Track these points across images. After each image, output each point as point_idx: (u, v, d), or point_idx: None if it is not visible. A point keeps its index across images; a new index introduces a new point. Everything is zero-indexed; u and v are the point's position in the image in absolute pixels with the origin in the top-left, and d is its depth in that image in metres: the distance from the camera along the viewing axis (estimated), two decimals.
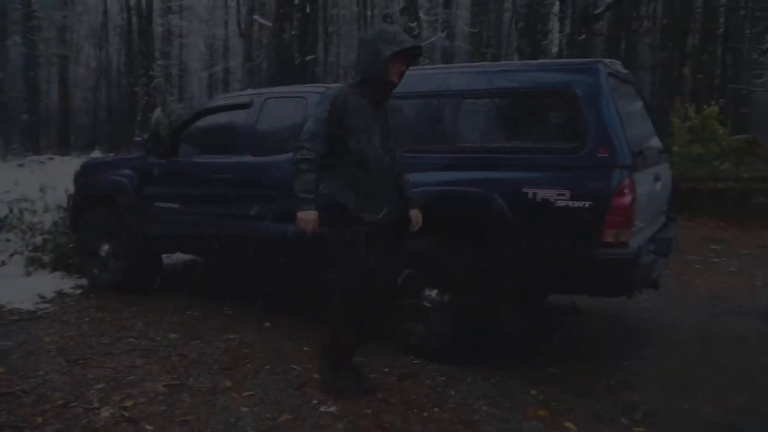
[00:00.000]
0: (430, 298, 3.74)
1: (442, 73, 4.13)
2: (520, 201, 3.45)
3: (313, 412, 3.01)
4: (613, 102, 3.43)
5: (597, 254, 3.30)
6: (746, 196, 9.32)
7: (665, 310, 4.91)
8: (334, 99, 3.12)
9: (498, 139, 3.71)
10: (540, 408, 3.09)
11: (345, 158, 3.12)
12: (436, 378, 3.44)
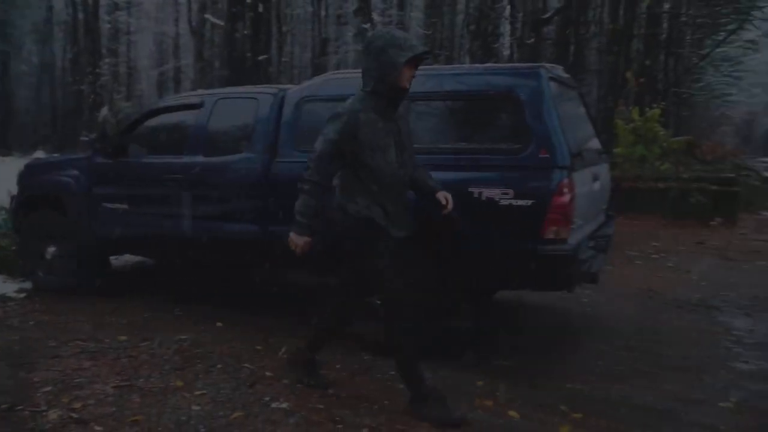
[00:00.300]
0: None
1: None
2: (466, 200, 3.57)
3: (265, 409, 3.06)
4: (553, 105, 3.58)
5: (538, 250, 3.44)
6: (685, 196, 9.75)
7: (606, 303, 5.13)
8: (344, 118, 2.98)
9: (446, 140, 3.82)
10: (485, 398, 3.22)
11: (362, 175, 3.02)
12: (387, 373, 3.52)
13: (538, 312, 4.88)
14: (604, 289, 5.39)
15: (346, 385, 3.36)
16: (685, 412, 3.13)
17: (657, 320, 4.74)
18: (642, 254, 7.21)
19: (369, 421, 2.94)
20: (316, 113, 4.25)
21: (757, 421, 3.05)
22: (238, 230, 4.31)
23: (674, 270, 6.48)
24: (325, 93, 4.28)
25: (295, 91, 4.38)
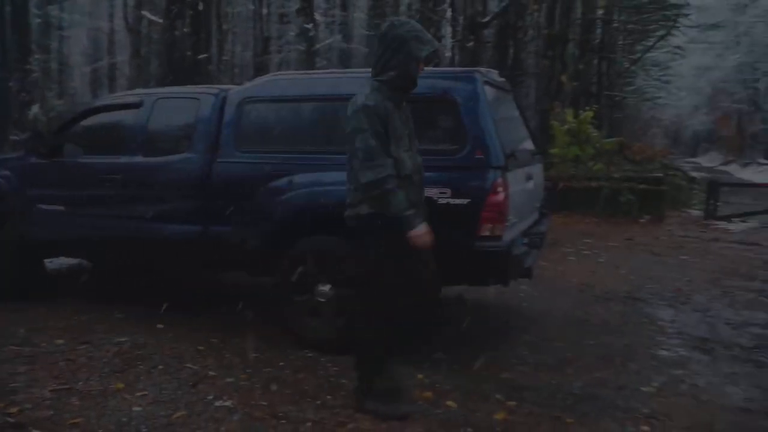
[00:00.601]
0: (324, 293, 3.90)
1: (334, 77, 4.30)
2: None
3: (208, 407, 3.08)
4: (488, 108, 3.74)
5: (475, 247, 3.59)
6: (616, 194, 10.19)
7: (541, 298, 5.35)
8: (373, 109, 2.88)
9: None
10: (425, 390, 3.34)
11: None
12: (330, 369, 3.60)
13: (476, 307, 5.05)
14: (539, 284, 5.62)
15: (289, 381, 3.42)
16: (611, 397, 3.33)
17: (587, 312, 4.99)
18: (575, 250, 7.52)
19: (312, 416, 3.01)
20: (258, 114, 4.30)
21: (675, 402, 3.28)
22: (179, 231, 4.29)
23: (605, 265, 6.79)
24: (267, 94, 4.33)
25: (237, 91, 4.40)
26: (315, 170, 3.97)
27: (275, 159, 4.10)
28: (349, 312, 3.78)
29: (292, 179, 3.98)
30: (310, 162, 4.01)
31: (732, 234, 9.53)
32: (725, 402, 3.29)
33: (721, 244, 8.47)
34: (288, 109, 4.28)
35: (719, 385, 3.52)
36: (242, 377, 3.45)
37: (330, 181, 3.89)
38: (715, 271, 6.69)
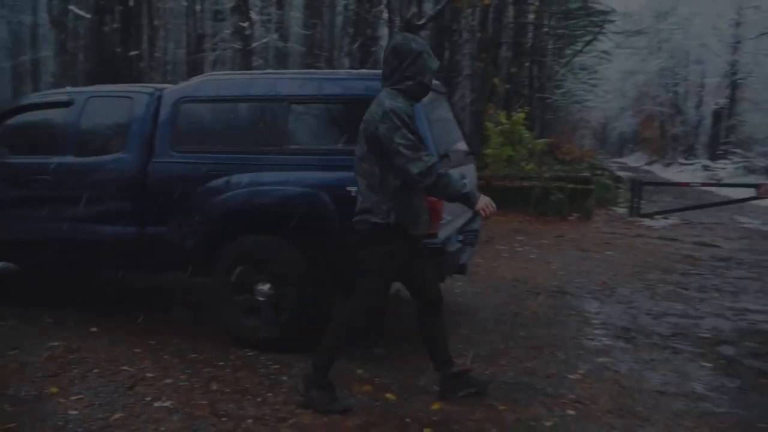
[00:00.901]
0: (263, 292, 3.92)
1: (272, 78, 4.33)
2: (344, 199, 3.76)
3: (147, 409, 3.07)
4: (422, 110, 3.85)
5: None
6: (547, 193, 10.58)
7: (476, 293, 5.54)
8: (401, 109, 2.95)
9: (324, 141, 3.99)
10: (365, 384, 3.43)
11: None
12: (270, 367, 3.63)
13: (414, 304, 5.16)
14: (474, 281, 5.83)
15: (230, 380, 3.44)
16: (540, 385, 3.51)
17: (520, 306, 5.20)
18: (509, 248, 7.78)
19: (253, 413, 3.05)
20: (194, 114, 4.28)
21: (599, 387, 3.49)
22: (114, 232, 4.23)
23: (536, 261, 7.07)
24: (204, 93, 4.31)
25: (172, 90, 4.36)
26: (253, 170, 4.00)
27: (212, 159, 4.09)
28: (292, 310, 3.85)
29: (230, 179, 3.99)
30: (247, 162, 4.03)
31: (654, 230, 10.08)
32: (644, 386, 3.53)
33: (644, 240, 8.95)
34: (225, 110, 4.28)
35: (639, 371, 3.77)
36: (181, 378, 3.44)
37: (268, 181, 3.94)
38: (638, 265, 7.08)
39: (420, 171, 2.90)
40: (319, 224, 3.81)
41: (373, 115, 3.03)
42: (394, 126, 2.93)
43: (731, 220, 12.01)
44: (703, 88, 35.73)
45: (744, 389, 3.51)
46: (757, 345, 4.32)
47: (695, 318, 4.97)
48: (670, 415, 3.16)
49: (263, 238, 3.97)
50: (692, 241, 9.00)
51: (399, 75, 3.08)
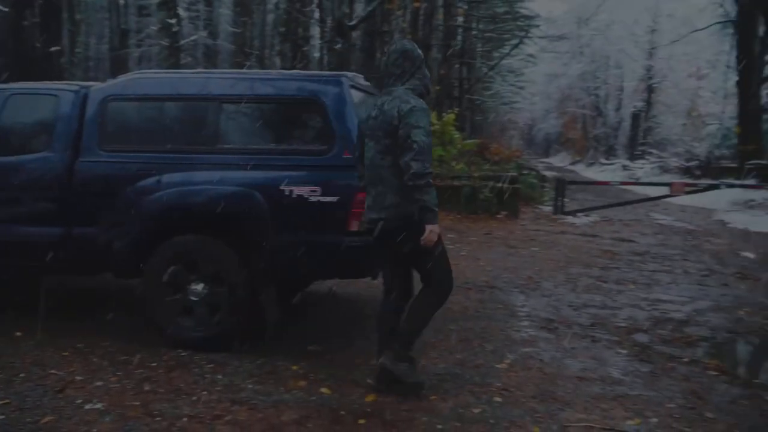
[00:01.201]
0: (197, 291, 3.92)
1: (204, 77, 4.32)
2: (278, 198, 3.81)
3: (78, 411, 3.02)
4: (354, 110, 3.96)
5: (345, 242, 3.79)
6: (476, 192, 10.90)
7: None
8: (426, 110, 3.26)
9: (257, 141, 4.02)
10: (300, 380, 3.49)
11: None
12: (204, 366, 3.63)
13: (347, 300, 5.27)
14: None
15: (163, 380, 3.42)
16: (469, 375, 3.67)
17: (450, 301, 5.27)
18: None
19: (188, 411, 3.05)
20: (123, 112, 4.23)
21: (524, 375, 3.68)
22: (39, 233, 4.10)
23: (466, 258, 7.30)
24: (132, 92, 4.25)
25: (99, 89, 4.28)
26: (184, 170, 3.98)
27: (142, 158, 4.05)
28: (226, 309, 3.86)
29: (161, 178, 3.96)
30: (179, 162, 4.01)
31: (577, 227, 10.57)
32: (565, 372, 3.75)
33: (567, 237, 9.37)
34: (154, 108, 4.25)
35: (561, 359, 3.99)
36: (112, 380, 3.39)
37: (201, 181, 3.93)
38: (561, 260, 7.43)
39: (417, 171, 3.12)
40: (252, 223, 3.83)
41: (393, 110, 3.22)
42: (417, 125, 3.17)
43: (647, 216, 12.73)
44: (622, 92, 37.53)
45: (655, 373, 3.78)
46: (668, 332, 4.65)
47: (613, 309, 5.29)
48: (588, 398, 3.37)
49: (196, 238, 3.96)
50: (611, 237, 9.50)
51: (410, 76, 3.35)
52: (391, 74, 3.36)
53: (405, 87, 3.32)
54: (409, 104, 3.21)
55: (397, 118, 3.18)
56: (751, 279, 6.70)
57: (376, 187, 3.32)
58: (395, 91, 3.31)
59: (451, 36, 22.28)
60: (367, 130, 3.39)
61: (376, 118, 3.32)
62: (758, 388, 3.59)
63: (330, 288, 5.44)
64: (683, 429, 3.02)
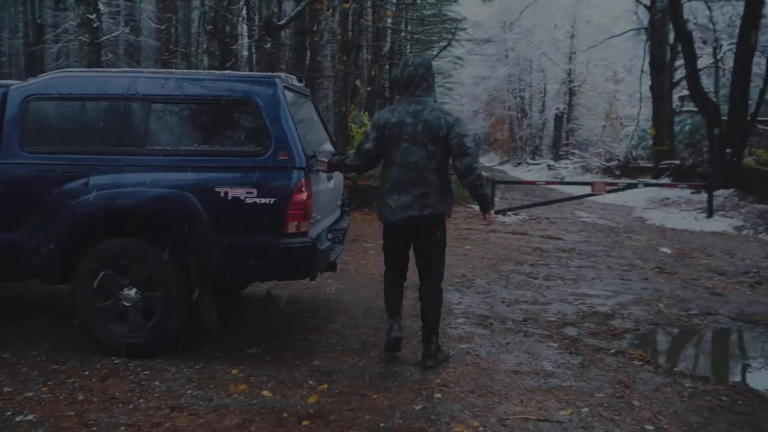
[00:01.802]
0: (130, 297, 3.80)
1: (131, 76, 4.18)
2: (213, 200, 3.75)
3: (8, 423, 2.88)
4: (289, 111, 3.94)
5: (282, 244, 3.77)
6: None
7: (346, 289, 5.71)
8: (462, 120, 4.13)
9: (190, 142, 3.93)
10: (240, 383, 3.45)
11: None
12: (140, 373, 3.54)
13: (285, 301, 5.23)
14: (343, 277, 5.99)
15: (97, 389, 3.30)
16: (409, 372, 3.73)
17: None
18: (375, 245, 8.00)
19: (125, 420, 2.97)
20: (46, 112, 4.06)
21: (461, 371, 3.77)
22: None
23: None
24: (55, 91, 4.08)
25: (20, 87, 4.08)
26: (113, 171, 3.86)
27: (68, 160, 3.89)
28: (161, 314, 3.77)
29: (89, 180, 3.82)
30: (107, 163, 3.88)
31: (507, 225, 10.88)
32: (501, 367, 3.87)
33: (498, 235, 9.64)
34: (80, 108, 4.09)
35: (496, 354, 4.12)
36: (43, 390, 3.25)
37: (131, 183, 3.82)
38: (494, 258, 7.64)
39: (480, 171, 3.76)
40: (186, 226, 3.75)
41: (440, 120, 3.71)
42: (465, 133, 3.77)
43: (572, 214, 13.25)
44: (545, 94, 38.85)
45: (584, 364, 3.96)
46: (595, 325, 4.87)
47: (543, 304, 5.49)
48: (524, 390, 3.50)
49: (127, 242, 3.85)
50: (540, 235, 9.84)
51: (433, 89, 3.86)
52: (419, 85, 3.77)
53: (433, 98, 3.81)
54: (453, 116, 3.79)
55: (446, 128, 3.68)
56: (668, 273, 7.10)
57: (419, 188, 3.73)
58: (427, 102, 3.77)
59: (381, 37, 22.41)
60: (405, 136, 3.73)
61: (415, 125, 3.72)
62: (678, 376, 3.82)
63: (267, 290, 5.39)
64: (613, 417, 3.19)
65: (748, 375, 3.87)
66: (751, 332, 4.88)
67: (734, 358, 4.26)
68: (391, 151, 3.80)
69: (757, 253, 8.79)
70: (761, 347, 4.52)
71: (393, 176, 3.80)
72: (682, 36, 16.18)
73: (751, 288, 6.46)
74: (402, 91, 3.89)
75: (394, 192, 3.78)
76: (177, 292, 3.79)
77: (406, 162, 3.73)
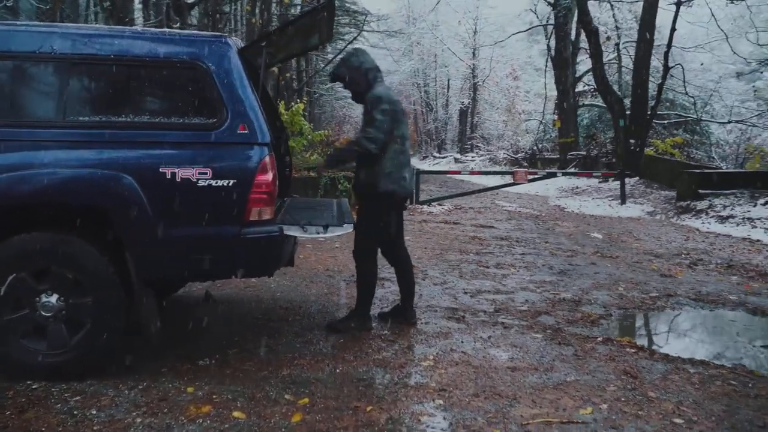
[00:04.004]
0: (49, 306, 3.06)
1: (45, 31, 3.36)
2: (156, 182, 3.09)
3: None
4: (247, 78, 3.33)
5: (243, 234, 3.17)
6: (335, 183, 10.48)
7: (293, 287, 5.12)
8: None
9: (125, 113, 3.22)
10: (202, 404, 2.82)
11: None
12: (69, 400, 2.82)
13: (226, 303, 4.59)
14: (286, 273, 5.40)
15: (15, 425, 2.57)
16: (397, 376, 3.24)
17: (340, 296, 4.92)
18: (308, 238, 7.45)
19: None
20: None
21: (454, 372, 3.33)
22: None
23: (342, 250, 6.86)
24: None
25: None
26: (21, 149, 3.09)
27: None
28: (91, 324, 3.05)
29: None
30: (13, 138, 3.10)
31: (435, 216, 10.59)
32: (494, 364, 3.46)
33: (431, 225, 9.31)
34: None
35: (483, 349, 3.71)
36: None
37: (45, 162, 3.08)
38: (436, 248, 7.28)
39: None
40: (122, 215, 3.06)
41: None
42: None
43: (494, 204, 13.23)
44: (449, 90, 39.40)
45: (579, 355, 3.64)
46: (568, 312, 4.60)
47: (507, 293, 5.17)
48: (530, 389, 3.11)
49: (45, 237, 3.09)
50: (472, 224, 9.62)
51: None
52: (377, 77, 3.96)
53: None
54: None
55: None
56: (610, 257, 7.04)
57: (409, 164, 4.05)
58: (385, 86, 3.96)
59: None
60: (401, 109, 3.96)
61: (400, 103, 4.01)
62: (678, 362, 3.58)
63: (206, 291, 4.71)
64: (636, 413, 2.86)
65: (740, 357, 3.71)
66: (718, 312, 4.79)
67: (718, 340, 4.11)
68: (398, 126, 3.91)
69: (677, 236, 9.02)
70: (736, 327, 4.42)
71: (404, 150, 3.97)
72: (588, 32, 16.66)
73: (690, 268, 6.50)
74: (372, 74, 3.95)
75: (406, 165, 3.98)
76: (112, 297, 3.08)
77: (408, 136, 4.03)
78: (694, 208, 11.23)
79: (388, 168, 3.86)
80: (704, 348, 3.93)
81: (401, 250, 4.22)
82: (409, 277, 4.18)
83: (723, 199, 11.11)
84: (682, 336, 4.24)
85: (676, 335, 4.26)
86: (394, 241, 4.16)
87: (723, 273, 6.27)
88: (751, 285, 5.69)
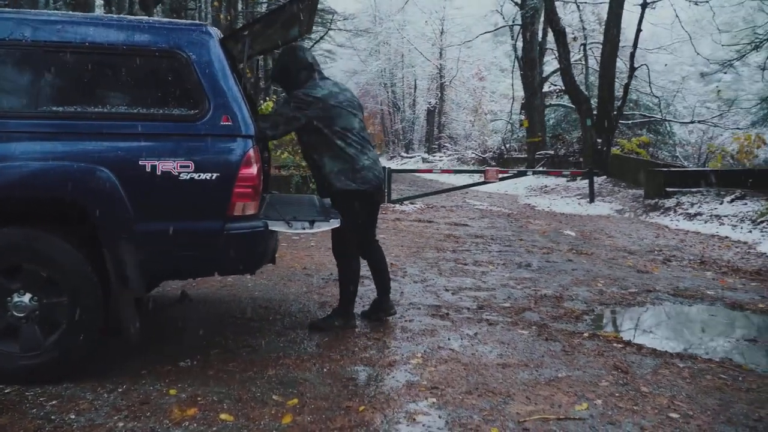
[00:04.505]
0: (22, 305, 2.89)
1: (15, 17, 3.17)
2: (136, 175, 2.95)
3: None
4: (229, 68, 3.22)
5: (226, 229, 3.05)
6: (306, 181, 10.37)
7: (272, 285, 5.00)
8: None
9: (102, 103, 3.07)
10: (187, 407, 2.69)
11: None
12: (45, 405, 2.67)
13: (204, 302, 4.44)
14: (263, 272, 5.27)
15: None
16: (387, 375, 3.16)
17: (323, 294, 4.82)
18: (284, 236, 7.32)
19: None
20: None
21: (444, 369, 3.26)
22: None
23: (317, 248, 6.76)
24: None
25: None
26: None
27: None
28: (67, 325, 2.90)
29: None
30: None
31: (408, 214, 10.55)
32: (485, 361, 3.41)
33: (405, 223, 9.26)
34: None
35: (471, 346, 3.66)
36: None
37: (17, 155, 2.92)
38: (412, 246, 7.22)
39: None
40: (99, 210, 2.90)
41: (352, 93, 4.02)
42: None
43: (465, 203, 13.26)
44: (415, 89, 39.49)
45: (568, 351, 3.61)
46: (551, 309, 4.58)
47: (488, 290, 5.13)
48: (523, 386, 3.06)
49: (16, 233, 2.92)
50: (445, 222, 9.60)
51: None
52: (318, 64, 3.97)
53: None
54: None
55: (357, 101, 4.01)
56: (585, 254, 7.08)
57: (371, 151, 3.93)
58: (332, 81, 3.92)
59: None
60: (345, 103, 3.81)
61: (344, 95, 3.85)
62: (666, 356, 3.58)
63: (182, 289, 4.56)
64: (631, 408, 2.84)
65: (726, 351, 3.73)
66: (698, 307, 4.84)
67: (702, 335, 4.13)
68: (336, 119, 3.75)
69: (648, 233, 9.15)
70: (717, 322, 4.46)
71: (352, 143, 3.80)
72: (555, 32, 16.86)
73: (665, 264, 6.58)
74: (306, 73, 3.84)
75: (360, 158, 3.80)
76: (89, 297, 2.93)
77: (357, 128, 3.86)
78: (662, 206, 11.44)
79: (334, 166, 3.74)
80: (690, 343, 3.95)
81: (373, 244, 4.14)
82: (383, 268, 4.13)
83: (690, 197, 11.34)
84: (667, 331, 4.26)
85: (661, 330, 4.27)
86: (366, 236, 4.05)
87: (697, 269, 6.36)
88: (725, 280, 5.78)
